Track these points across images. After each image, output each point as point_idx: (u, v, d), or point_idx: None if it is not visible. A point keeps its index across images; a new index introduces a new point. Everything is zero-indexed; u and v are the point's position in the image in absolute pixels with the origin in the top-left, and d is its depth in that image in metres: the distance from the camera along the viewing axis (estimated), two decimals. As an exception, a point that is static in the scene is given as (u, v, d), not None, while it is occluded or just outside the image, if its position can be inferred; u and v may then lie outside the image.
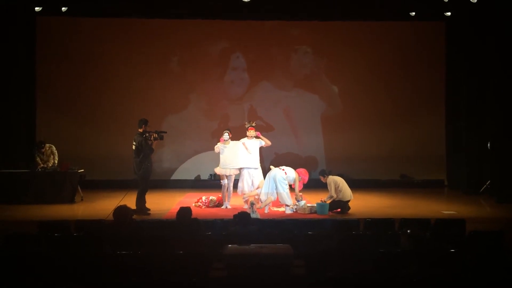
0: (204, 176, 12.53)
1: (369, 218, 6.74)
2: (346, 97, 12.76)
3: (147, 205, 8.59)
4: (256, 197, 8.72)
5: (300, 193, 8.84)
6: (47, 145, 10.28)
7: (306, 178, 8.90)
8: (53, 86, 12.20)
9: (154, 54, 12.44)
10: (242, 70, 12.71)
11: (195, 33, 12.50)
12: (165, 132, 8.58)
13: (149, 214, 8.40)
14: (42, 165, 10.03)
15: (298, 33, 12.69)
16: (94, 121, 12.32)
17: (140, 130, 8.45)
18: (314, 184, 9.71)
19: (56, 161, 10.26)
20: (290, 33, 12.71)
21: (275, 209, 8.88)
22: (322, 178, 8.69)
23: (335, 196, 8.49)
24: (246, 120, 10.08)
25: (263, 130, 11.18)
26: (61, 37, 12.20)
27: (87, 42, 12.21)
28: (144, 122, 8.50)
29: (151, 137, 8.39)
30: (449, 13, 11.33)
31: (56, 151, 10.31)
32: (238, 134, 9.50)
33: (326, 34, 12.62)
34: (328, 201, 8.49)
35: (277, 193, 8.55)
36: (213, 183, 11.59)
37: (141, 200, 8.46)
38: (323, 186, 8.73)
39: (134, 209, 7.61)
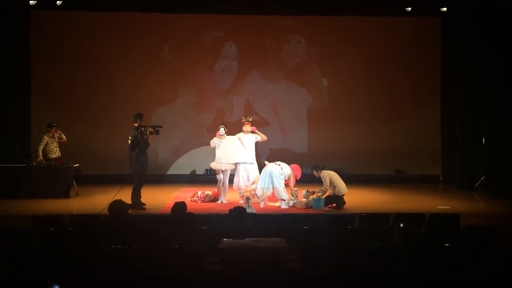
0: (200, 171, 12.51)
1: (364, 213, 6.77)
2: (341, 92, 12.75)
3: (143, 199, 8.58)
4: (252, 192, 8.72)
5: (296, 188, 8.86)
6: (59, 133, 10.01)
7: (299, 174, 8.91)
8: (47, 80, 12.14)
9: (149, 48, 12.38)
10: (235, 64, 12.69)
11: (189, 27, 12.44)
12: (161, 127, 8.56)
13: (144, 209, 8.40)
14: (41, 158, 9.85)
15: (292, 27, 12.65)
16: (89, 116, 12.26)
17: (136, 125, 8.42)
18: (308, 179, 9.72)
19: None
20: (285, 27, 12.65)
21: (271, 204, 8.88)
22: (315, 173, 8.70)
23: (329, 189, 8.49)
24: (242, 115, 10.07)
25: (259, 125, 11.18)
26: (56, 31, 12.13)
27: (82, 36, 12.13)
28: (139, 116, 8.47)
29: (146, 132, 8.36)
30: (445, 9, 11.33)
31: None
32: (234, 129, 9.49)
33: (322, 29, 12.60)
34: (320, 195, 8.48)
35: (273, 188, 8.56)
36: (209, 178, 11.58)
37: (136, 195, 8.45)
38: (317, 181, 8.74)
39: (129, 204, 7.63)
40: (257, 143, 9.29)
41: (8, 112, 11.26)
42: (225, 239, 4.75)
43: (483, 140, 10.86)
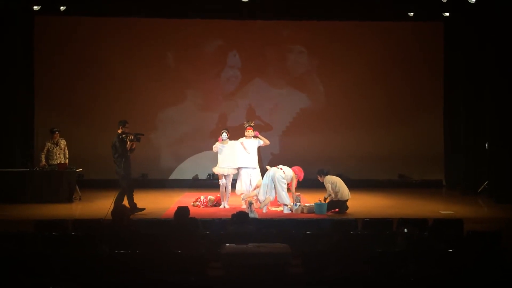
0: (202, 176, 12.52)
1: (367, 218, 6.74)
2: (343, 97, 12.75)
3: (144, 204, 8.57)
4: (255, 197, 8.71)
5: (298, 193, 8.83)
6: (62, 140, 10.11)
7: (301, 175, 8.88)
8: (51, 85, 12.18)
9: (151, 54, 12.43)
10: (237, 69, 12.72)
11: (193, 33, 12.49)
12: (142, 134, 8.58)
13: (143, 209, 8.35)
14: (44, 163, 9.88)
15: (294, 33, 12.68)
16: (93, 120, 12.28)
17: (119, 131, 8.50)
18: (311, 184, 9.71)
19: (66, 158, 10.09)
20: (286, 33, 12.69)
21: (273, 208, 8.87)
22: (319, 178, 8.68)
23: (333, 195, 8.48)
24: (244, 120, 10.08)
25: (262, 129, 11.18)
26: (59, 36, 12.18)
27: (85, 41, 12.19)
28: (122, 123, 8.56)
29: (127, 138, 8.42)
30: (447, 14, 11.34)
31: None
32: (237, 134, 9.49)
33: (323, 34, 12.61)
34: (327, 200, 8.50)
35: (275, 192, 8.54)
36: (211, 182, 11.57)
37: (129, 200, 8.38)
38: (320, 186, 8.72)
39: (131, 209, 7.64)
40: (259, 148, 9.29)
41: (12, 117, 11.28)
42: (227, 244, 4.74)
43: (486, 144, 10.84)
